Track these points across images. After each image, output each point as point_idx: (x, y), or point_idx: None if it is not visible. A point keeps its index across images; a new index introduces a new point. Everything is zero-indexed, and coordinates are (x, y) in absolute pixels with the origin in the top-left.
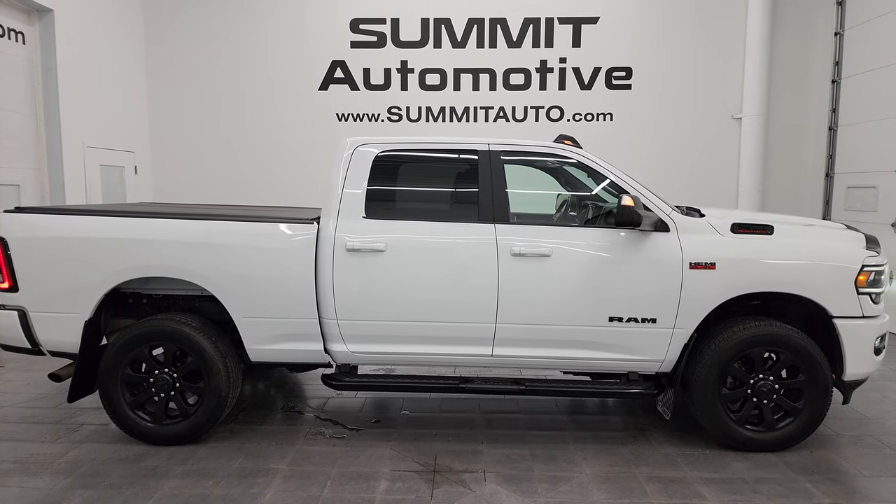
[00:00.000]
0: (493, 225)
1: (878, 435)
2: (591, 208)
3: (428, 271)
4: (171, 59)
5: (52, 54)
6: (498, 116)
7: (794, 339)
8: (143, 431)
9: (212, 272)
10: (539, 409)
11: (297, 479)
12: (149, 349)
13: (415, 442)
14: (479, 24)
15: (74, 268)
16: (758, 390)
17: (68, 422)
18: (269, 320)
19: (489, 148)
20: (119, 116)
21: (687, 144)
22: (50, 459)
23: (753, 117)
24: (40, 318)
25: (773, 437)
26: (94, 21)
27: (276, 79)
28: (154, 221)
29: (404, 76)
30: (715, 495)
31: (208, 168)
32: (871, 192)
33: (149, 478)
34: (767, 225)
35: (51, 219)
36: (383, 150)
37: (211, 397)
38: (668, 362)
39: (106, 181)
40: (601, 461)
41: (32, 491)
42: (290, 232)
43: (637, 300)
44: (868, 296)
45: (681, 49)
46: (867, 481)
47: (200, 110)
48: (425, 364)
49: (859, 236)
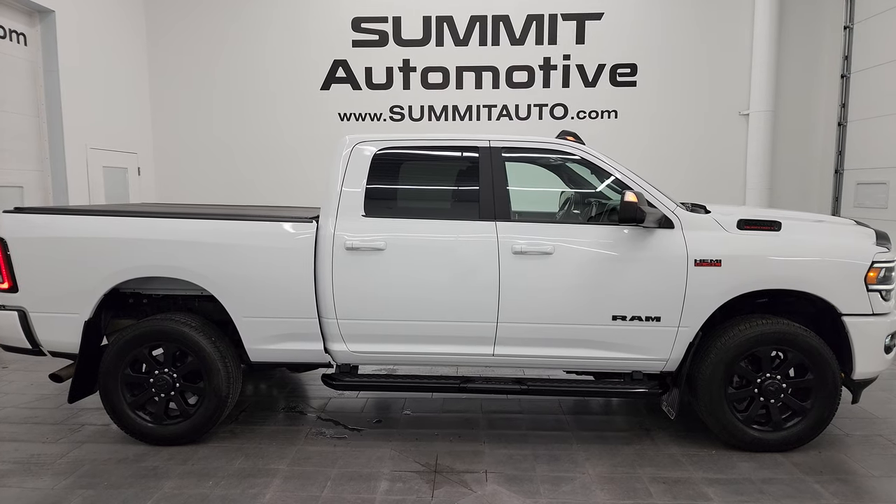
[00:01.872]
0: (494, 223)
1: (888, 435)
2: (594, 205)
3: (428, 270)
4: (173, 60)
5: (53, 56)
6: (501, 115)
7: (802, 338)
8: (144, 432)
9: (211, 272)
10: (542, 408)
11: (297, 480)
12: (149, 349)
13: (416, 442)
14: (482, 22)
15: (74, 268)
16: (765, 389)
17: (70, 422)
18: (269, 320)
19: (490, 144)
20: (122, 118)
21: (693, 141)
22: (51, 460)
23: (761, 113)
24: (40, 319)
25: (781, 436)
26: (95, 22)
27: (278, 79)
28: (152, 221)
29: (406, 75)
30: (720, 496)
31: (211, 169)
32: (881, 189)
33: (149, 478)
34: (775, 221)
35: (50, 219)
36: (382, 148)
37: (211, 397)
38: (672, 361)
39: (109, 183)
40: (604, 461)
41: (33, 491)
42: (289, 231)
43: (641, 298)
44: (878, 293)
45: (686, 45)
46: (877, 482)
47: (203, 111)
48: (426, 364)
49: (869, 232)
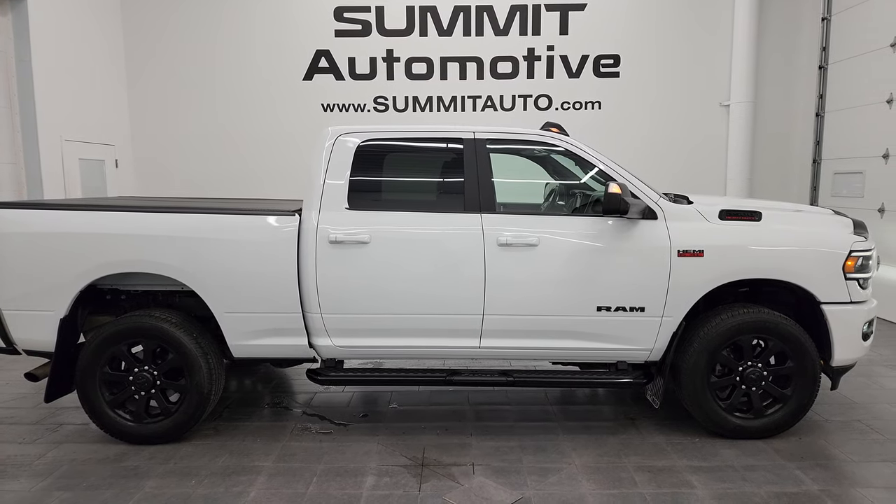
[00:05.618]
0: (479, 215)
1: (867, 420)
2: (579, 197)
3: (413, 263)
4: (150, 49)
5: (26, 44)
6: (486, 105)
7: (783, 326)
8: (124, 431)
9: (190, 267)
10: (528, 400)
11: (282, 477)
12: (127, 346)
13: (403, 436)
14: (466, 12)
15: (48, 264)
16: (746, 377)
17: (47, 422)
18: (251, 315)
19: (474, 136)
20: (98, 108)
21: (675, 132)
22: (28, 461)
23: (741, 104)
24: (14, 317)
25: (762, 423)
26: (69, 10)
27: (260, 69)
28: (129, 215)
29: (390, 65)
30: (704, 483)
31: (191, 161)
32: (857, 178)
33: (129, 478)
34: (755, 211)
35: (22, 214)
36: (366, 140)
37: (193, 395)
38: (657, 351)
39: (85, 175)
40: (590, 451)
41: (9, 494)
42: (272, 224)
43: (625, 289)
44: (856, 281)
45: (668, 36)
46: (856, 466)
47: (182, 102)
48: (412, 357)
49: (847, 221)
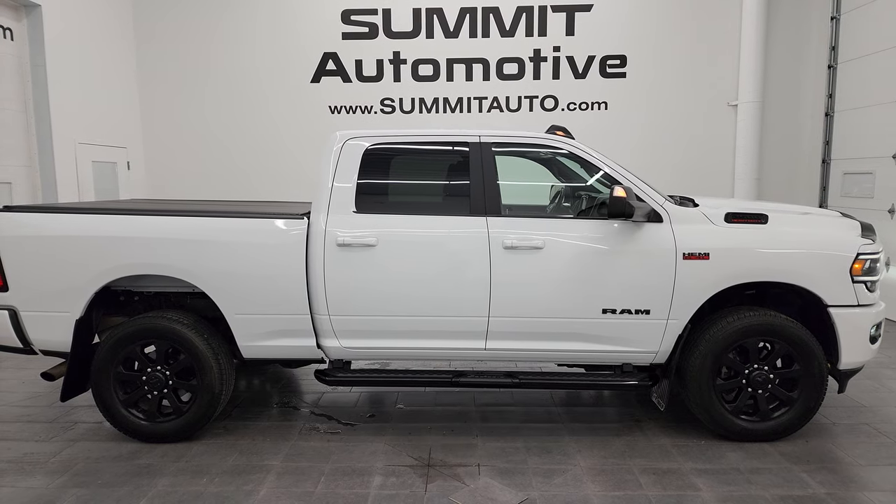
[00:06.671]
0: (484, 218)
1: (874, 423)
2: (584, 199)
3: (419, 265)
4: (161, 53)
5: (40, 50)
6: (492, 107)
7: (789, 329)
8: (137, 429)
9: (201, 269)
10: (534, 401)
11: (291, 476)
12: (140, 347)
13: (409, 436)
14: (472, 14)
15: (64, 266)
16: (752, 380)
17: (62, 420)
18: (261, 317)
19: (480, 140)
20: (110, 112)
21: (682, 132)
22: (44, 458)
23: (749, 104)
24: (31, 318)
25: (768, 426)
26: (82, 16)
27: (268, 72)
28: (143, 219)
29: (397, 67)
30: (709, 486)
31: (201, 163)
32: (867, 179)
33: (142, 476)
34: (761, 214)
35: (40, 217)
36: (373, 144)
37: (204, 394)
38: (662, 353)
39: (98, 178)
40: (596, 453)
41: (26, 490)
42: (280, 227)
43: (630, 291)
44: (863, 284)
45: (675, 36)
46: (863, 470)
47: (192, 105)
48: (418, 358)
49: (854, 224)
